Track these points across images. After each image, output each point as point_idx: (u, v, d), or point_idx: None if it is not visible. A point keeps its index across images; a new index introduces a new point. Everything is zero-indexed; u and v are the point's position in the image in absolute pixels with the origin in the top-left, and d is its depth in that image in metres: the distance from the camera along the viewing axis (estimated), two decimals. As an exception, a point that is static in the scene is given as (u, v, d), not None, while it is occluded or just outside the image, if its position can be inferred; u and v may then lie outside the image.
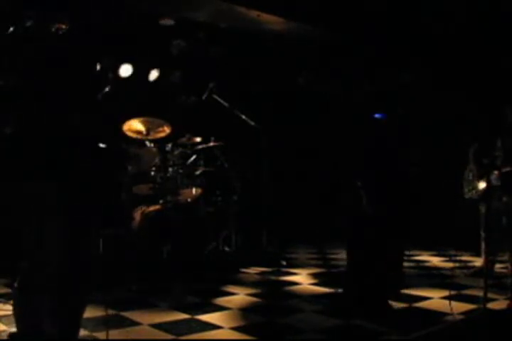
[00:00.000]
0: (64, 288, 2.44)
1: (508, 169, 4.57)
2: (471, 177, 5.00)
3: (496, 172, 4.62)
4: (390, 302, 3.83)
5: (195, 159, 5.44)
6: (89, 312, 2.96)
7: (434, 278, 5.04)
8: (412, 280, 4.72)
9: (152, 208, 4.97)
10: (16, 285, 2.62)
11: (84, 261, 2.50)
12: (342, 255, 5.27)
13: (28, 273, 2.55)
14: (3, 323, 3.19)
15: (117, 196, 4.57)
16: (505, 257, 4.87)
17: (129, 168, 4.70)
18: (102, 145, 2.50)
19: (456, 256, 6.09)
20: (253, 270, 5.28)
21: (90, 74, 2.56)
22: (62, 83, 2.42)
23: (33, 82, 2.41)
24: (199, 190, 5.30)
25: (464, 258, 6.12)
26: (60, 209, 2.44)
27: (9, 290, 4.00)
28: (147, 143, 5.23)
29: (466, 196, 5.04)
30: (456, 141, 5.54)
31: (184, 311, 3.64)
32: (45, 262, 2.47)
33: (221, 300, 4.00)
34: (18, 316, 2.60)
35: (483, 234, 4.96)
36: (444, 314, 3.66)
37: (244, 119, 5.71)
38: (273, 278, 4.97)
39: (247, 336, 3.18)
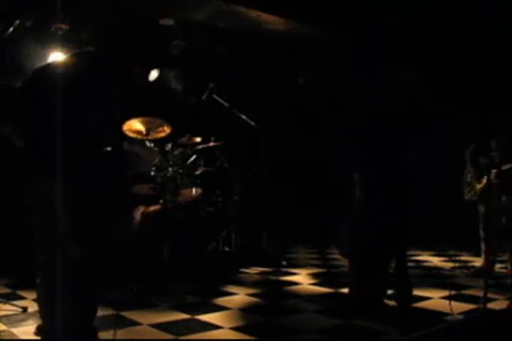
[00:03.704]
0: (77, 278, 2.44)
1: (508, 166, 4.58)
2: (469, 179, 5.03)
3: (494, 171, 4.63)
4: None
5: (195, 159, 5.44)
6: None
7: (434, 278, 5.03)
8: (412, 280, 4.71)
9: (152, 208, 4.96)
10: (38, 281, 2.59)
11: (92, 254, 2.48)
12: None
13: (48, 267, 2.52)
14: (3, 323, 3.19)
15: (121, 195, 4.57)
16: (505, 257, 4.88)
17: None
18: (109, 146, 2.52)
19: (456, 256, 6.09)
20: (253, 270, 5.28)
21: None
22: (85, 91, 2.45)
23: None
24: (199, 190, 5.30)
25: (463, 258, 6.12)
26: (70, 207, 2.45)
27: (9, 290, 4.00)
28: (147, 143, 5.24)
29: (466, 197, 5.08)
30: (456, 142, 5.55)
31: (184, 311, 3.63)
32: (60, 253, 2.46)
33: (221, 300, 4.00)
34: (46, 312, 2.56)
35: (482, 234, 4.97)
36: (444, 314, 3.65)
37: (244, 119, 5.70)
38: (273, 278, 4.96)
39: (247, 336, 3.18)
